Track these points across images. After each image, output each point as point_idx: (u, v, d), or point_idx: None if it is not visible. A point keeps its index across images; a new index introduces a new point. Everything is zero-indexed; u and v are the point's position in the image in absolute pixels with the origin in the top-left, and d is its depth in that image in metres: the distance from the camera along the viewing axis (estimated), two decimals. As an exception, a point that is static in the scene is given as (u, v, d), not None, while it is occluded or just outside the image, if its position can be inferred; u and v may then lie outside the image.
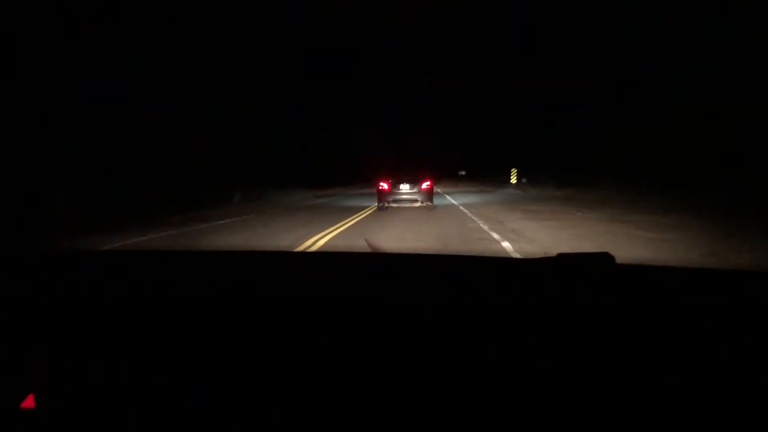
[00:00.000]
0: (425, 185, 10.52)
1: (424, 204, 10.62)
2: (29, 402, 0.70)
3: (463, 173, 39.59)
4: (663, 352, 0.69)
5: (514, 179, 21.38)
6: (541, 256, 1.01)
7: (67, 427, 0.69)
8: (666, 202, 10.33)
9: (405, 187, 10.58)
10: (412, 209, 10.69)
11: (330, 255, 2.32)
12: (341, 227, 7.78)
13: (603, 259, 0.89)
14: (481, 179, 34.69)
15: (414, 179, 10.60)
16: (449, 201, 14.37)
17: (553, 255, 0.95)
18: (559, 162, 25.86)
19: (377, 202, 11.06)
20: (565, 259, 0.92)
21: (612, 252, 0.89)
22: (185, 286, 1.00)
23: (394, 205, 10.85)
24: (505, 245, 5.39)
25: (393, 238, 6.33)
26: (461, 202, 13.84)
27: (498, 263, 1.27)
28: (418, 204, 10.67)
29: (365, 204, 13.84)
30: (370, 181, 37.72)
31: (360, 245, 5.26)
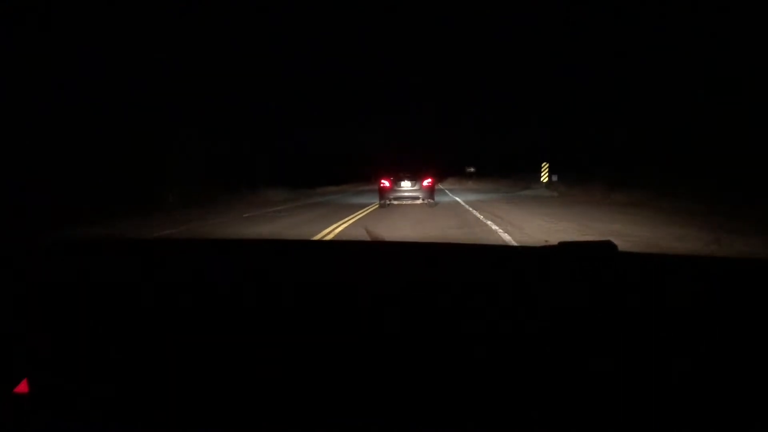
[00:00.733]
0: (426, 182, 10.59)
1: (425, 201, 10.69)
2: (23, 387, 0.70)
3: (472, 170, 34.82)
4: (664, 338, 0.69)
5: (545, 177, 16.73)
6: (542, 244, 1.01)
7: (61, 412, 0.69)
8: None
9: (406, 185, 10.63)
10: (414, 207, 10.50)
11: (337, 244, 2.46)
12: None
13: (605, 247, 0.91)
14: (494, 177, 30.14)
15: (415, 177, 10.64)
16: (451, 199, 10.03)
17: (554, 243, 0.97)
18: (593, 157, 21.35)
19: (379, 199, 11.16)
20: (568, 247, 0.93)
21: None
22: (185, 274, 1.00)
23: (395, 203, 10.98)
24: None
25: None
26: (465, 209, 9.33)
27: (499, 251, 1.34)
28: (419, 201, 10.74)
29: (340, 217, 9.43)
30: (369, 181, 33.62)
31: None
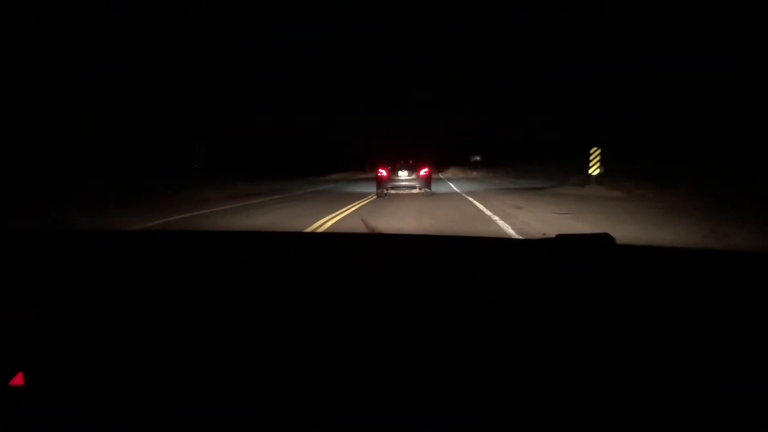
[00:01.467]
0: (423, 172, 10.82)
1: (422, 191, 10.92)
2: (18, 380, 0.70)
3: (478, 159, 30.23)
4: (660, 329, 0.70)
5: (595, 169, 12.31)
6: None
7: (57, 405, 0.69)
8: None
9: (404, 174, 10.84)
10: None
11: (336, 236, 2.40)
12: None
13: (603, 240, 0.90)
14: (503, 169, 25.75)
15: (412, 166, 10.86)
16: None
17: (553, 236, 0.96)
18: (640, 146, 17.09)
19: (376, 188, 11.39)
20: (565, 240, 0.93)
21: None
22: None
23: (392, 192, 11.20)
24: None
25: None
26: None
27: (498, 243, 1.35)
28: (416, 191, 11.02)
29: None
30: (362, 170, 30.58)
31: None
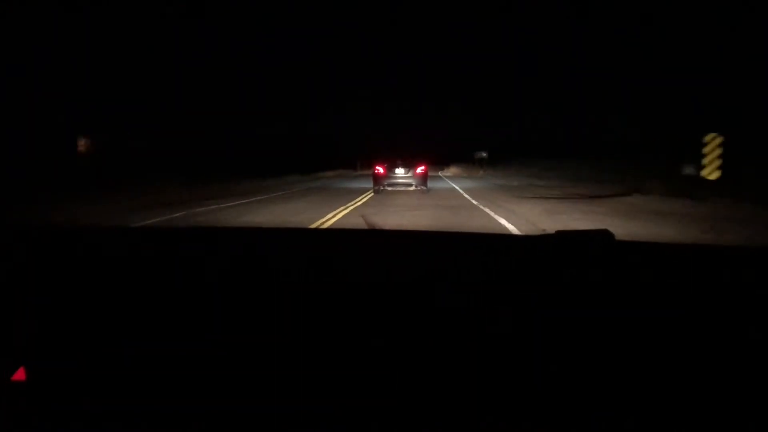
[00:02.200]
0: (420, 170, 10.67)
1: (418, 188, 10.73)
2: (20, 374, 0.69)
3: (484, 155, 25.44)
4: (661, 325, 0.69)
5: (713, 170, 7.12)
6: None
7: (58, 400, 0.69)
8: None
9: (400, 172, 10.70)
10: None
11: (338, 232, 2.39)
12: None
13: (602, 236, 0.90)
14: (512, 166, 20.98)
15: (409, 164, 10.72)
16: None
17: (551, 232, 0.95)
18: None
19: (373, 185, 11.09)
20: (564, 236, 0.93)
21: None
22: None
23: (389, 189, 10.94)
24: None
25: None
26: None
27: (498, 240, 1.36)
28: (412, 188, 10.80)
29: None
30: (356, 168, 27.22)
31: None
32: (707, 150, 7.09)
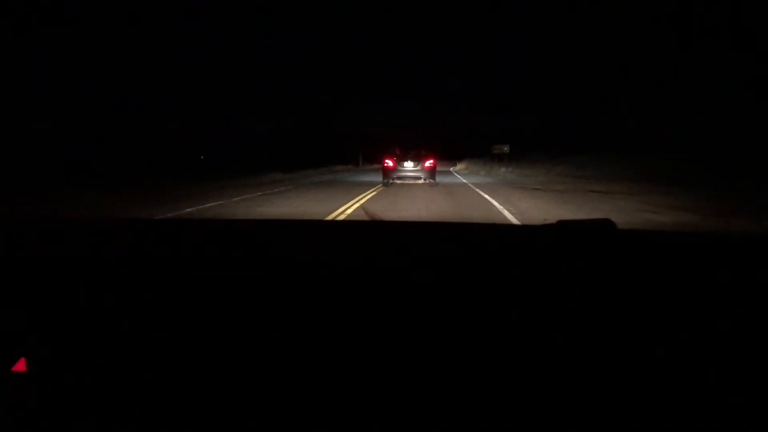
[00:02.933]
0: (428, 163, 10.82)
1: (426, 181, 10.93)
2: (21, 365, 0.69)
3: (506, 149, 24.72)
4: (664, 313, 0.68)
5: None
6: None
7: (59, 392, 0.68)
8: None
9: (409, 165, 10.87)
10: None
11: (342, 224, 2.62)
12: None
13: (603, 225, 0.89)
14: (563, 163, 20.08)
15: (418, 157, 10.88)
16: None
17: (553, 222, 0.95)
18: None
19: (382, 178, 11.35)
20: (566, 225, 0.92)
21: None
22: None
23: (398, 182, 11.17)
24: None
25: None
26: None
27: (499, 229, 1.35)
28: (421, 181, 10.97)
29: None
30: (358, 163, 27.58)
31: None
32: None
